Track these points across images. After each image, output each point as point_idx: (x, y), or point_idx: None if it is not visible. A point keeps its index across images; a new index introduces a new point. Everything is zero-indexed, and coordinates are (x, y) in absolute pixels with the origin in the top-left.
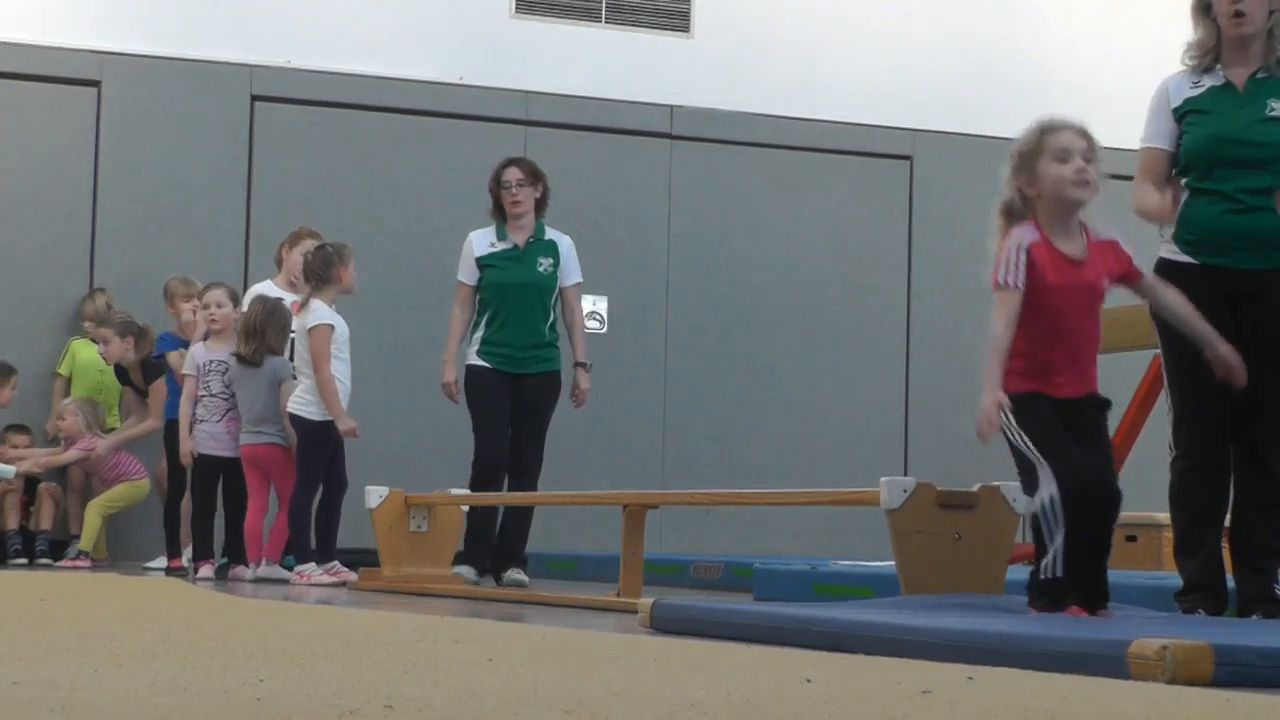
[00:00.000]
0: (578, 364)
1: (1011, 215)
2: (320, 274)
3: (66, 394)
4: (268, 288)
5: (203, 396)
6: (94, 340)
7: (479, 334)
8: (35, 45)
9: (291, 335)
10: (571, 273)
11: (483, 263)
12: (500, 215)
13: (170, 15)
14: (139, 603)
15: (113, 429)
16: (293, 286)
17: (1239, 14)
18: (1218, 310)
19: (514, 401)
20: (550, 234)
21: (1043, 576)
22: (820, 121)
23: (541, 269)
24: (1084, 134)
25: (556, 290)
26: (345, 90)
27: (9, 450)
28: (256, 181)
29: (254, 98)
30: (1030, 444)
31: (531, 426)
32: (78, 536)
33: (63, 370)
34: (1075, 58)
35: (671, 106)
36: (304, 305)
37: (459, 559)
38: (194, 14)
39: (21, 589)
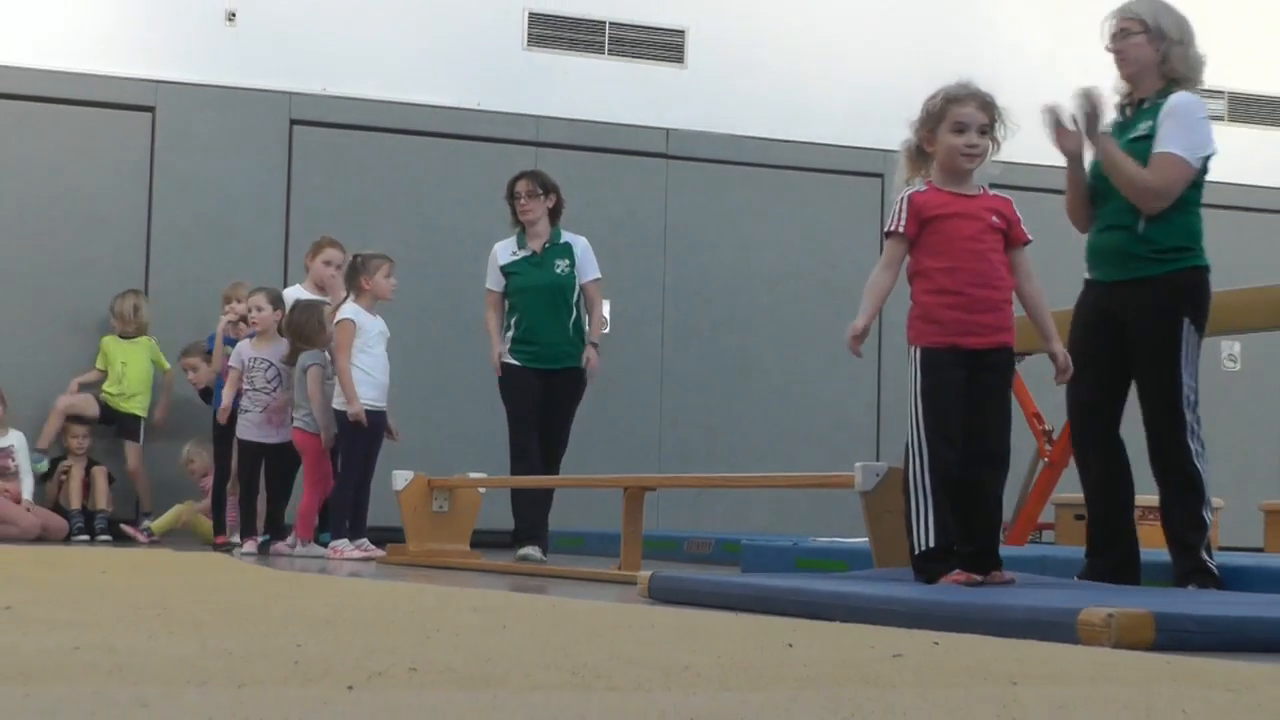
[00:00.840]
0: (590, 343)
1: (914, 158)
2: (350, 282)
3: (101, 383)
4: (297, 291)
5: (248, 390)
6: (133, 340)
7: (510, 334)
8: (96, 75)
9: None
10: (588, 269)
11: (506, 270)
12: (520, 225)
13: (217, 47)
14: (189, 575)
15: (133, 414)
16: (320, 290)
17: (1120, 61)
18: (1097, 320)
19: (544, 395)
20: (566, 237)
21: (917, 551)
22: (801, 143)
23: (559, 270)
24: (986, 106)
25: (577, 289)
26: (375, 115)
27: (72, 441)
28: (294, 198)
29: (293, 122)
30: (920, 414)
31: (559, 418)
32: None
33: (99, 365)
34: (1029, 85)
35: (667, 129)
36: (337, 309)
37: (521, 543)
38: (239, 46)
39: (84, 563)
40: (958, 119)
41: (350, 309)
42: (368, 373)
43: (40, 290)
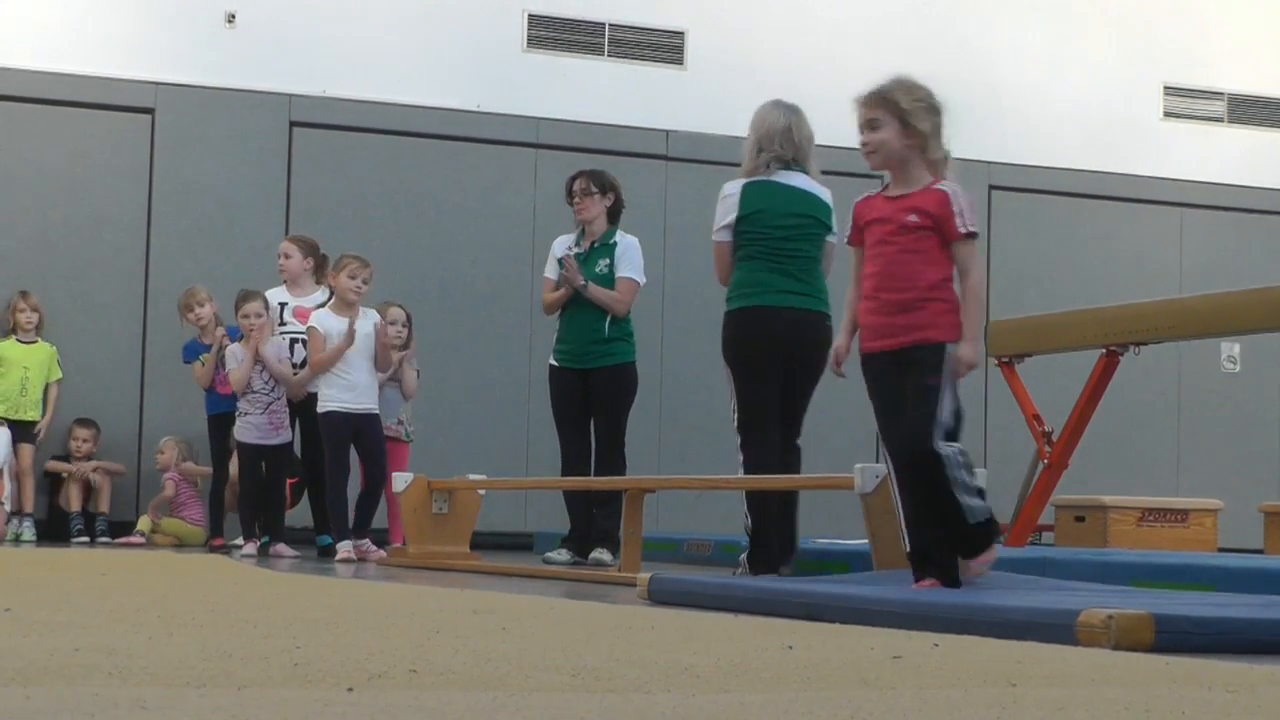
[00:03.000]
0: (586, 282)
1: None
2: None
3: None
4: (280, 294)
5: (248, 393)
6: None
7: (556, 334)
8: (96, 77)
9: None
10: (624, 267)
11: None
12: (580, 223)
13: (217, 49)
14: (188, 577)
15: (33, 420)
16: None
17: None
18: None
19: (586, 395)
20: (616, 237)
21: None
22: None
23: (599, 269)
24: (865, 102)
25: (616, 290)
26: (375, 117)
27: (74, 443)
28: (294, 199)
29: (292, 124)
30: (876, 414)
31: (604, 417)
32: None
33: None
34: (1026, 88)
35: (667, 131)
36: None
37: (559, 544)
38: (239, 48)
39: (84, 565)
40: (859, 123)
41: (317, 315)
42: (338, 375)
43: (39, 294)
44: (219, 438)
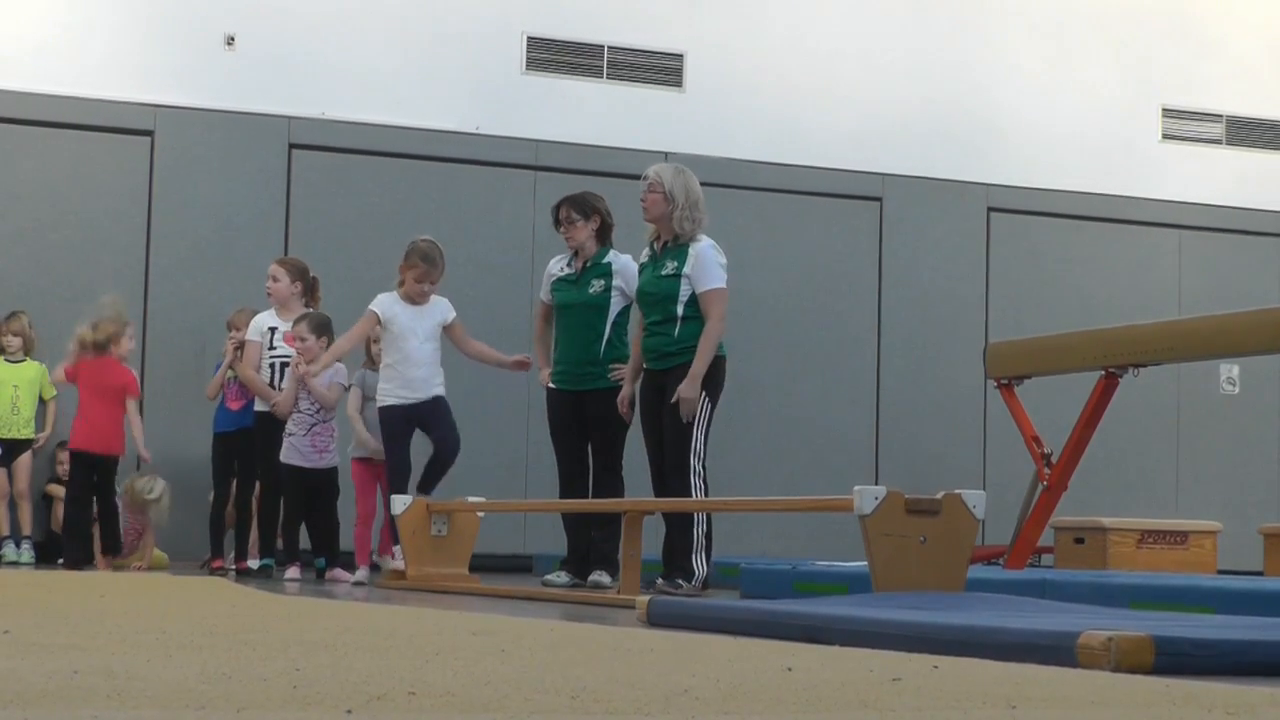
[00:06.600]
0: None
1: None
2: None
3: None
4: (269, 318)
5: (294, 413)
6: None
7: (554, 356)
8: (95, 99)
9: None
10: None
11: (553, 288)
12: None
13: (216, 71)
14: (187, 599)
15: (27, 438)
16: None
17: (643, 205)
18: (647, 396)
19: (583, 417)
20: (610, 257)
21: None
22: (799, 167)
23: (592, 291)
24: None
25: (613, 310)
26: (374, 139)
27: (61, 468)
28: (294, 221)
29: (291, 146)
30: None
31: (598, 440)
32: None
33: None
34: (1025, 110)
35: (666, 153)
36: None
37: (558, 566)
38: (238, 70)
39: (82, 587)
40: None
41: (381, 299)
42: (396, 370)
43: (39, 314)
44: (224, 457)
